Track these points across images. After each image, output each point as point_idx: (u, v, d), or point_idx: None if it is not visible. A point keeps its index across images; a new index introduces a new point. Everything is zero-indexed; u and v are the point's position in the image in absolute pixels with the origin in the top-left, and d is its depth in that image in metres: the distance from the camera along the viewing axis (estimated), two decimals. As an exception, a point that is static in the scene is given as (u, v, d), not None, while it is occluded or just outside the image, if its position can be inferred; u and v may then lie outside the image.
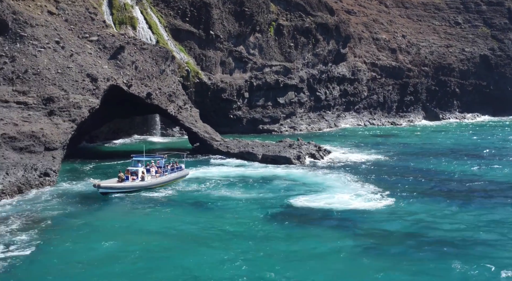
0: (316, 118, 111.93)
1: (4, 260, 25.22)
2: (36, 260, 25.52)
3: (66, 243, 28.15)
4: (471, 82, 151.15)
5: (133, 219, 34.15)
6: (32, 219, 32.80)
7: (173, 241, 29.31)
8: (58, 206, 36.53)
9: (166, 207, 37.47)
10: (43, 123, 52.28)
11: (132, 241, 29.20)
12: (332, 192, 41.66)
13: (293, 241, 29.49)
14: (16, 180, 41.38)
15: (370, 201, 38.60)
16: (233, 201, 39.33)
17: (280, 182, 46.49)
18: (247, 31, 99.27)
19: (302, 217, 35.10)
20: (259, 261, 26.08)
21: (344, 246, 28.77)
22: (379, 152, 68.84)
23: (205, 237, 30.09)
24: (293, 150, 60.14)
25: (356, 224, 33.01)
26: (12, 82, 55.76)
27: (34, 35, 60.36)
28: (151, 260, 26.12)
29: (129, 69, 64.50)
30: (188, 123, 66.83)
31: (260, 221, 33.81)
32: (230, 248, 28.01)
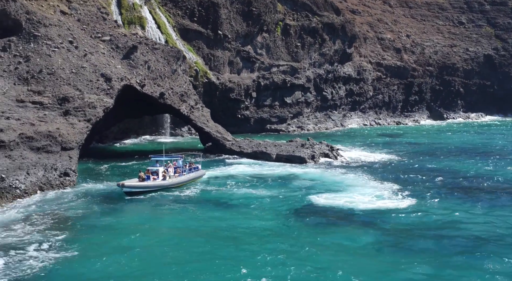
0: (323, 118, 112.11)
1: (41, 260, 25.27)
2: (73, 259, 25.56)
3: (99, 242, 28.31)
4: (475, 82, 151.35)
5: (161, 217, 34.53)
6: (61, 219, 32.95)
7: (205, 238, 29.61)
8: (83, 205, 36.70)
9: (192, 205, 37.70)
10: (59, 123, 52.30)
11: (165, 238, 29.67)
12: (353, 191, 41.92)
13: (318, 238, 29.90)
14: (37, 180, 41.47)
15: (392, 200, 38.88)
16: (255, 199, 39.60)
17: (299, 181, 46.79)
18: (254, 31, 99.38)
19: (325, 215, 35.38)
20: (287, 256, 26.34)
21: (368, 243, 29.22)
22: (391, 151, 69.04)
23: (233, 234, 30.43)
24: (306, 150, 60.27)
25: (380, 222, 33.29)
26: (27, 82, 55.87)
27: (47, 35, 60.49)
28: (188, 256, 26.47)
29: (142, 69, 64.60)
30: (200, 123, 66.92)
31: (284, 219, 34.22)
32: (258, 244, 28.44)
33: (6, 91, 53.88)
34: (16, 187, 38.45)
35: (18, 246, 27.20)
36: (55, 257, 25.76)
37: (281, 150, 60.60)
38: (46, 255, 26.00)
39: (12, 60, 57.64)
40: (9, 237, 28.75)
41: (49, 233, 29.42)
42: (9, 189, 37.85)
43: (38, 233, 29.43)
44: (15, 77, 55.96)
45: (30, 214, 33.69)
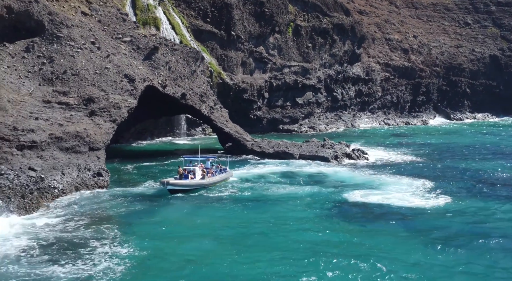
0: (333, 119, 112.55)
1: (112, 256, 25.63)
2: (131, 257, 25.83)
3: (153, 240, 28.56)
4: (481, 83, 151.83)
5: (207, 214, 35.09)
6: (109, 216, 33.52)
7: (251, 235, 30.23)
8: (125, 203, 37.19)
9: (231, 203, 38.32)
10: (86, 124, 52.56)
11: (217, 233, 30.35)
12: (386, 189, 42.49)
13: (358, 234, 30.44)
14: (73, 180, 41.71)
15: (428, 198, 39.51)
16: (289, 197, 40.19)
17: (329, 179, 47.30)
18: (267, 32, 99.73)
19: (363, 211, 36.01)
20: (329, 253, 26.71)
21: (409, 239, 29.65)
22: (410, 151, 69.53)
23: (273, 231, 30.86)
24: (328, 150, 60.60)
25: (419, 218, 33.75)
26: (52, 82, 56.06)
27: (70, 36, 60.69)
28: (241, 251, 27.01)
29: (163, 70, 64.85)
30: (220, 123, 67.18)
31: (323, 215, 35.00)
32: (298, 240, 28.86)
33: (32, 91, 54.10)
34: (54, 187, 38.70)
35: (81, 243, 27.41)
36: (124, 253, 26.10)
37: (303, 150, 60.92)
38: (115, 250, 26.31)
39: (36, 61, 57.83)
40: (66, 232, 28.98)
41: (105, 230, 29.83)
42: (48, 188, 38.08)
43: (94, 231, 29.78)
44: (40, 78, 56.15)
45: (75, 212, 34.03)
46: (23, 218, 31.30)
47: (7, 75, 54.57)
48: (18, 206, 32.44)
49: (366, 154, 62.09)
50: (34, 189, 36.08)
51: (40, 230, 29.15)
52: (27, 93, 53.46)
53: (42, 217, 32.10)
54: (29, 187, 35.73)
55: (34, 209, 33.87)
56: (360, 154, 61.31)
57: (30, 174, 37.43)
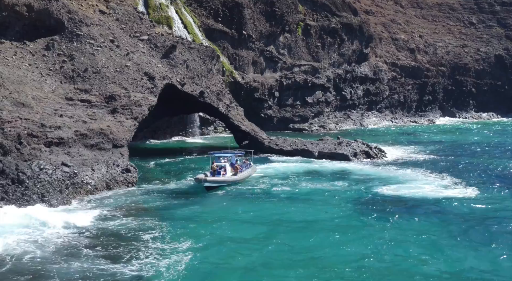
0: (342, 118, 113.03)
1: (163, 250, 25.84)
2: (193, 249, 26.20)
3: (202, 233, 28.84)
4: (487, 82, 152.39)
5: (243, 209, 35.23)
6: (147, 211, 33.70)
7: (287, 228, 30.54)
8: (160, 198, 37.39)
9: (265, 198, 38.56)
10: (108, 121, 52.79)
11: (255, 228, 30.55)
12: (415, 183, 42.91)
13: (394, 225, 30.72)
14: (103, 176, 41.95)
15: (458, 190, 39.79)
16: (318, 192, 40.49)
17: (355, 175, 47.59)
18: (277, 31, 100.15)
19: (395, 203, 36.23)
20: (363, 246, 26.87)
21: (446, 230, 29.74)
22: (425, 149, 69.88)
23: (306, 225, 31.06)
24: (346, 147, 60.89)
25: (453, 209, 34.14)
26: (73, 80, 56.33)
27: (90, 34, 61.02)
28: (288, 237, 27.57)
29: (181, 68, 65.16)
30: (237, 121, 67.49)
31: (354, 208, 35.32)
32: (331, 233, 29.05)
33: (54, 89, 54.39)
34: (87, 183, 38.97)
35: (132, 237, 27.68)
36: (180, 247, 26.33)
37: (321, 148, 61.21)
38: (169, 245, 26.55)
39: (56, 59, 58.11)
40: (113, 226, 29.32)
41: (151, 225, 29.91)
42: (81, 184, 38.37)
43: (139, 225, 29.91)
44: (61, 76, 56.42)
45: (114, 207, 34.20)
46: (64, 212, 31.48)
47: (29, 73, 54.87)
48: (57, 200, 32.68)
49: (384, 152, 62.37)
50: (69, 183, 36.40)
51: (86, 224, 29.33)
52: (50, 90, 53.75)
53: (81, 211, 32.28)
54: (65, 182, 36.04)
55: (70, 203, 34.11)
56: (378, 151, 61.64)
57: (64, 169, 37.72)
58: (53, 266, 23.18)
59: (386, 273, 23.12)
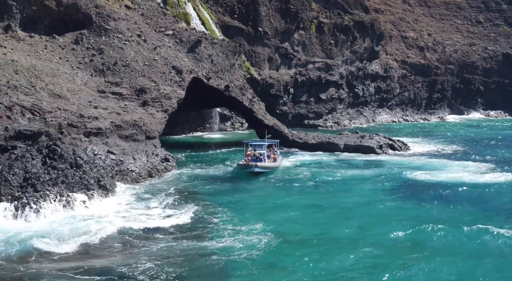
0: (355, 114, 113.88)
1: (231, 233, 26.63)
2: (260, 231, 27.00)
3: (265, 218, 29.67)
4: (494, 80, 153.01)
5: (288, 194, 36.39)
6: (201, 195, 34.65)
7: (327, 214, 31.49)
8: (208, 185, 38.51)
9: (305, 183, 39.60)
10: (140, 113, 53.63)
11: (302, 211, 31.50)
12: (451, 170, 43.65)
13: (436, 207, 31.40)
14: (144, 164, 42.76)
15: (495, 175, 40.44)
16: (357, 178, 41.38)
17: (388, 165, 48.51)
18: (292, 28, 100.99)
19: (434, 187, 36.98)
20: (403, 228, 27.46)
21: (493, 213, 30.30)
22: (448, 142, 70.89)
23: (349, 209, 32.06)
24: (370, 140, 61.65)
25: (494, 192, 34.75)
26: (103, 73, 57.16)
27: (117, 29, 61.82)
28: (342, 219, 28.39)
29: (206, 62, 65.97)
30: (260, 115, 68.34)
31: (394, 193, 36.12)
32: (371, 216, 29.97)
33: (86, 82, 55.19)
34: (132, 170, 39.76)
35: (200, 219, 28.86)
36: (248, 228, 27.35)
37: (346, 141, 61.95)
38: (237, 227, 27.56)
39: (85, 52, 58.93)
40: (178, 211, 30.39)
41: (211, 207, 31.23)
42: (127, 171, 39.17)
43: (200, 207, 31.12)
44: (91, 69, 57.23)
45: (167, 192, 35.34)
46: (129, 197, 32.64)
47: (61, 66, 55.72)
48: (110, 185, 33.45)
49: (407, 145, 63.16)
50: (118, 170, 37.17)
51: (146, 208, 30.34)
52: (82, 83, 54.57)
53: (135, 196, 33.25)
54: (114, 168, 36.83)
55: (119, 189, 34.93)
56: (402, 144, 62.43)
57: (111, 157, 38.49)
58: (151, 245, 24.41)
59: (437, 254, 23.69)
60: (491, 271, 21.62)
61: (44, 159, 31.63)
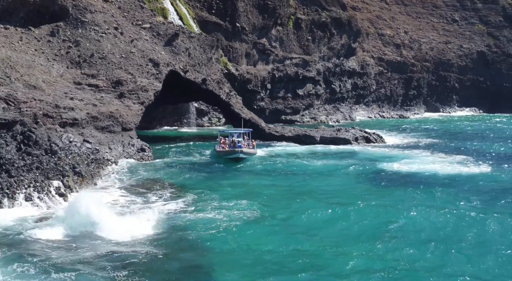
0: (332, 110, 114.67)
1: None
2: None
3: (248, 196, 30.70)
4: (469, 78, 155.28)
5: (262, 179, 37.14)
6: (182, 180, 35.17)
7: (300, 194, 32.27)
8: (182, 170, 38.96)
9: (275, 172, 39.99)
10: (116, 105, 53.59)
11: (276, 195, 32.31)
12: (422, 160, 44.29)
13: (402, 195, 31.71)
14: (120, 154, 42.89)
15: (467, 167, 41.23)
16: (330, 167, 42.01)
17: (362, 155, 49.22)
18: (269, 24, 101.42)
19: (404, 177, 37.56)
20: (370, 215, 27.64)
21: (457, 201, 30.74)
22: (423, 135, 71.92)
23: (318, 196, 32.39)
24: (346, 133, 62.32)
25: (464, 183, 35.43)
26: (79, 65, 56.96)
27: (94, 21, 61.61)
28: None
29: (184, 56, 66.08)
30: (237, 109, 68.65)
31: (364, 180, 36.45)
32: (346, 205, 29.98)
33: (62, 74, 54.96)
34: (108, 159, 39.81)
35: (190, 194, 30.29)
36: (234, 204, 28.53)
37: (322, 134, 62.54)
38: (225, 203, 28.72)
39: (62, 44, 58.63)
40: (165, 190, 31.45)
41: (198, 189, 32.64)
42: (103, 160, 39.16)
43: (185, 189, 32.16)
44: (68, 61, 56.99)
45: (147, 178, 35.93)
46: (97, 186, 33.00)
47: (36, 58, 55.35)
48: (85, 172, 33.48)
49: (382, 138, 63.92)
50: (93, 158, 37.21)
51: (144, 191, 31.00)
52: (58, 75, 54.29)
53: (111, 183, 33.60)
54: (90, 157, 36.86)
55: (97, 177, 34.96)
56: (377, 137, 63.18)
57: (87, 145, 38.49)
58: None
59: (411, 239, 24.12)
60: (461, 251, 22.08)
61: (19, 145, 31.61)
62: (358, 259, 20.74)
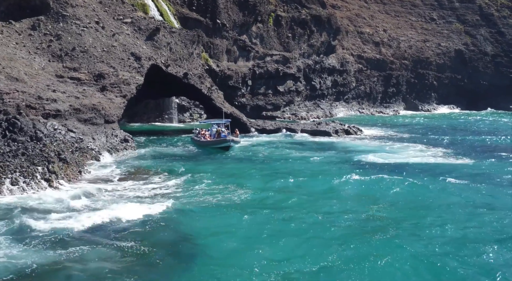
0: (312, 107, 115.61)
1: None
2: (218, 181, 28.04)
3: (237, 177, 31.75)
4: (447, 76, 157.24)
5: (248, 165, 38.08)
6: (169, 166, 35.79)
7: (278, 177, 33.74)
8: (169, 157, 39.80)
9: (258, 160, 40.93)
10: (99, 98, 53.91)
11: (257, 179, 33.63)
12: (401, 152, 45.13)
13: (378, 185, 32.46)
14: (104, 144, 43.19)
15: (446, 158, 42.21)
16: (306, 159, 42.66)
17: (339, 146, 50.27)
18: (250, 21, 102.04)
19: (381, 167, 38.30)
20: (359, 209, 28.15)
21: (436, 189, 31.68)
22: (402, 129, 73.53)
23: (278, 185, 33.21)
24: (327, 126, 63.23)
25: (442, 173, 36.31)
26: (61, 59, 57.15)
27: (75, 15, 61.81)
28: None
29: (165, 50, 66.47)
30: (219, 103, 69.20)
31: (342, 171, 37.10)
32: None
33: (43, 67, 55.09)
34: (92, 148, 40.14)
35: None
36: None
37: (303, 127, 63.40)
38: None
39: (43, 38, 58.77)
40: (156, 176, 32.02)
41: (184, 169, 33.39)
42: (87, 149, 39.55)
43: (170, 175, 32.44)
44: (49, 55, 57.16)
45: (133, 166, 36.22)
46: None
47: (18, 51, 55.47)
48: (70, 159, 33.81)
49: (361, 130, 64.92)
50: (77, 147, 37.53)
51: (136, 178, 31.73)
52: (40, 68, 54.45)
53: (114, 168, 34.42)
54: (74, 145, 37.18)
55: (82, 165, 35.30)
56: (357, 129, 64.17)
57: (71, 134, 38.79)
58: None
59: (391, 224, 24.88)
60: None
61: (4, 132, 31.89)
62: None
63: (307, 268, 18.75)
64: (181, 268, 18.64)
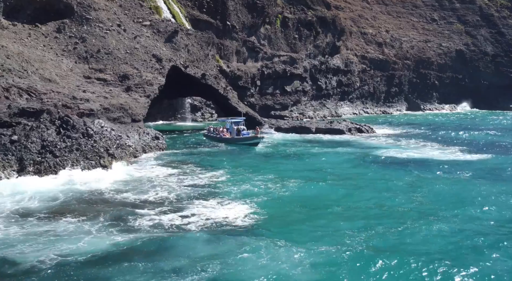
0: (318, 107, 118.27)
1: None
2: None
3: (272, 172, 33.80)
4: (448, 75, 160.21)
5: (277, 162, 40.32)
6: (206, 164, 38.44)
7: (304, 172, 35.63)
8: (204, 156, 42.16)
9: (290, 156, 43.22)
10: (124, 98, 56.27)
11: (292, 175, 35.02)
12: (418, 148, 47.36)
13: (401, 178, 34.25)
14: (138, 141, 45.58)
15: (462, 154, 44.35)
16: (325, 154, 44.89)
17: (356, 143, 52.46)
18: (258, 23, 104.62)
19: (401, 162, 40.50)
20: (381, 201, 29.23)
21: (456, 186, 33.43)
22: (412, 127, 75.62)
23: (319, 177, 34.93)
24: (339, 124, 65.71)
25: (458, 170, 38.25)
26: (87, 61, 59.53)
27: (98, 18, 64.20)
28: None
29: (183, 52, 68.94)
30: (234, 103, 71.69)
31: (365, 165, 39.34)
32: (345, 184, 32.93)
33: (71, 68, 57.51)
34: (129, 145, 42.57)
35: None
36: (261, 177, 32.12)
37: (317, 125, 65.89)
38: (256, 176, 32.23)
39: (68, 41, 61.13)
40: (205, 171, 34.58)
41: (226, 169, 35.61)
42: (125, 146, 41.93)
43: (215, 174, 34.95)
44: (75, 56, 59.51)
45: (172, 161, 39.09)
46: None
47: (46, 53, 57.80)
48: (117, 155, 36.27)
49: (373, 129, 67.41)
50: (118, 144, 39.97)
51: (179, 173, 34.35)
52: (68, 69, 56.86)
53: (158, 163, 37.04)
54: (116, 142, 39.62)
55: (125, 160, 37.77)
56: (369, 128, 66.67)
57: (112, 132, 41.25)
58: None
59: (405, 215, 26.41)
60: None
61: (58, 129, 34.29)
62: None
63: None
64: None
